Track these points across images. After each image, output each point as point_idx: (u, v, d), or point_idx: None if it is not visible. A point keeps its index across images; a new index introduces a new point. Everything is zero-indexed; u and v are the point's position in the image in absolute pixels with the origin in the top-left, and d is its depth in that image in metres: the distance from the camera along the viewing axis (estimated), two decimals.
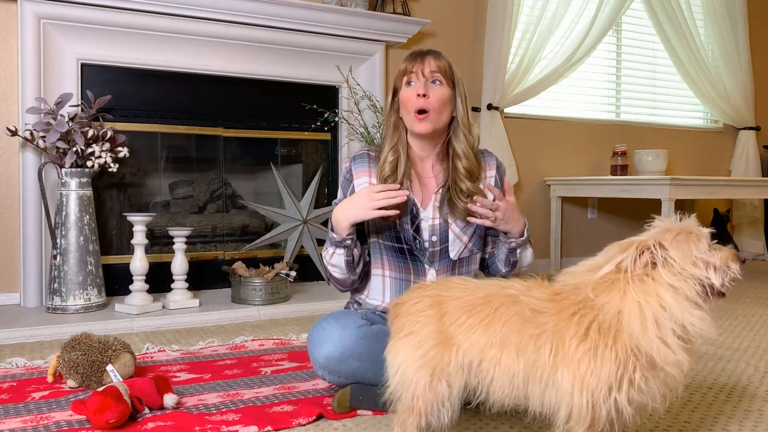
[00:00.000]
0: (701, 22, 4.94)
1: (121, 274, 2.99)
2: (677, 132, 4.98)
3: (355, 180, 1.78)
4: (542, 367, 1.18)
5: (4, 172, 2.93)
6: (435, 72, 1.69)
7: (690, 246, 1.19)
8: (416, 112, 1.68)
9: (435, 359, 1.27)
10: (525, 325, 1.21)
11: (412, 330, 1.31)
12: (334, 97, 3.62)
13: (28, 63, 2.86)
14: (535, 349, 1.19)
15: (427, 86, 1.68)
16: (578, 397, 1.15)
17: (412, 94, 1.68)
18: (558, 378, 1.17)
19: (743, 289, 3.74)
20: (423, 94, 1.67)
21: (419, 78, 1.69)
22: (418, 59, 1.70)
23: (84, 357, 1.78)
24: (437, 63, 1.70)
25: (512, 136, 4.15)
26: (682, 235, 1.20)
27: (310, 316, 2.91)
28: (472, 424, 1.58)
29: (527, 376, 1.20)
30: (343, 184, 1.80)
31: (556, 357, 1.17)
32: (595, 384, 1.14)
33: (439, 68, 1.69)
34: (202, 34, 3.19)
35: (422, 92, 1.67)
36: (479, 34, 4.09)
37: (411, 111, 1.68)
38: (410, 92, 1.69)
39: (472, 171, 1.74)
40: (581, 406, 1.15)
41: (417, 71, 1.69)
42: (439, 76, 1.69)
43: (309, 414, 1.59)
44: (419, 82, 1.68)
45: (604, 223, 4.63)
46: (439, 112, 1.69)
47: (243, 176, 3.63)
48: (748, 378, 1.99)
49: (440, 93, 1.69)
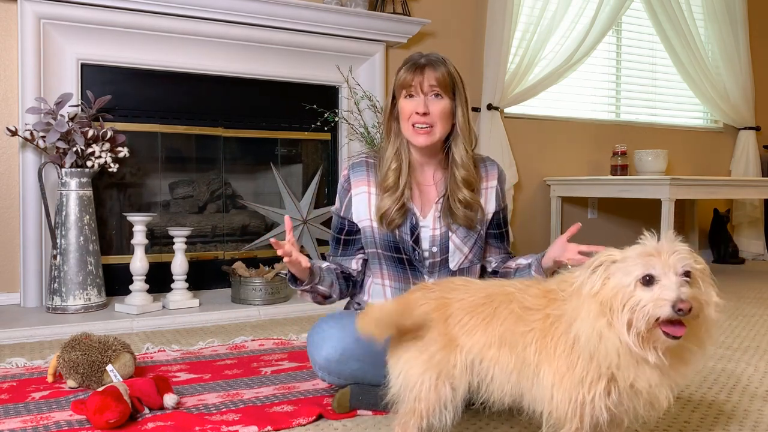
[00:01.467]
0: (701, 22, 4.94)
1: (121, 274, 2.99)
2: (677, 132, 4.98)
3: (353, 190, 1.75)
4: (529, 365, 1.19)
5: (4, 172, 2.93)
6: (434, 86, 1.65)
7: (629, 273, 1.11)
8: (415, 126, 1.65)
9: (441, 363, 1.27)
10: (517, 322, 1.22)
11: (416, 333, 1.30)
12: (334, 97, 3.62)
13: (28, 63, 2.86)
14: (523, 346, 1.20)
15: (426, 102, 1.64)
16: (557, 395, 1.16)
17: (411, 108, 1.66)
18: (541, 376, 1.18)
19: (743, 289, 3.74)
20: (424, 113, 1.64)
21: (418, 93, 1.65)
22: (417, 72, 1.65)
23: (84, 357, 1.78)
24: (436, 75, 1.65)
25: (512, 136, 4.16)
26: (634, 260, 1.12)
27: (310, 316, 2.91)
28: (471, 424, 1.58)
29: (519, 373, 1.21)
30: (340, 194, 1.78)
31: (539, 355, 1.18)
32: (571, 384, 1.15)
33: (438, 81, 1.65)
34: (202, 34, 3.19)
35: (422, 111, 1.63)
36: (479, 34, 4.09)
37: (410, 125, 1.66)
38: (410, 106, 1.66)
39: (470, 181, 1.71)
40: (559, 404, 1.15)
41: (416, 85, 1.65)
42: (439, 90, 1.65)
43: (309, 414, 1.59)
44: (419, 98, 1.65)
45: (604, 223, 4.63)
46: (440, 125, 1.66)
47: (243, 176, 3.63)
48: (748, 378, 1.99)
49: (440, 107, 1.65)
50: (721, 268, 4.69)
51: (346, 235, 1.77)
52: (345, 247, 1.78)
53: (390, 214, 1.69)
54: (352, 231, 1.76)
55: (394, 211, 1.68)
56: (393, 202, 1.69)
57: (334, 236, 1.80)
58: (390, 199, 1.69)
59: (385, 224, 1.70)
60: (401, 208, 1.69)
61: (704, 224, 5.12)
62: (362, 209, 1.74)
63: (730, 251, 4.99)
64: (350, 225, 1.76)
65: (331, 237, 1.82)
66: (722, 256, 5.00)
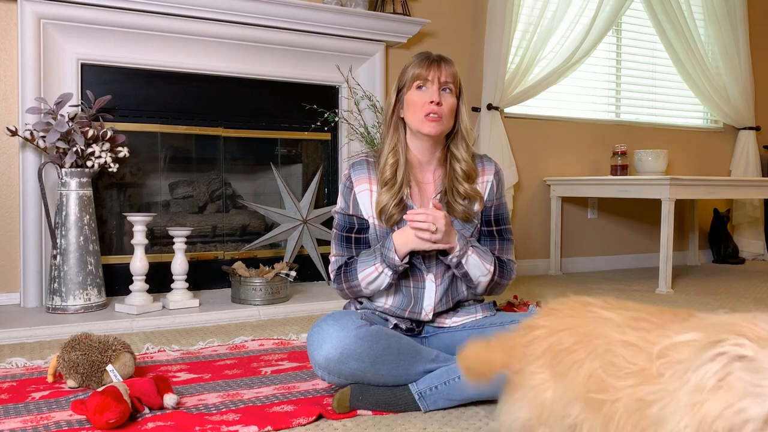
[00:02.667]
0: (701, 22, 4.94)
1: (121, 274, 2.99)
2: (677, 132, 4.98)
3: (355, 187, 1.78)
4: None
5: (4, 172, 2.93)
6: (448, 81, 1.72)
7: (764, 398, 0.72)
8: (427, 115, 1.69)
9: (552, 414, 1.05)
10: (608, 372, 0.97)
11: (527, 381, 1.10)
12: (334, 97, 3.62)
13: (28, 63, 2.86)
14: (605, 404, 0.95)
15: (440, 94, 1.70)
16: None
17: (423, 99, 1.70)
18: None
19: (743, 289, 3.74)
20: (437, 102, 1.69)
21: (433, 84, 1.71)
22: (433, 65, 1.71)
23: (84, 357, 1.78)
24: (450, 71, 1.73)
25: (512, 136, 4.16)
26: None
27: (310, 316, 2.91)
28: (471, 424, 1.58)
29: None
30: (344, 193, 1.80)
31: None
32: None
33: (452, 77, 1.73)
34: (202, 34, 3.19)
35: (437, 100, 1.69)
36: (479, 34, 4.09)
37: (421, 113, 1.70)
38: (421, 97, 1.71)
39: (470, 173, 1.77)
40: None
41: (433, 78, 1.70)
42: (451, 85, 1.72)
43: (309, 414, 1.59)
44: (432, 88, 1.70)
45: (604, 223, 4.63)
46: (448, 119, 1.73)
47: (243, 176, 3.63)
48: None
49: (451, 101, 1.73)
50: (721, 268, 4.69)
51: (356, 233, 1.78)
52: (357, 246, 1.78)
53: (388, 209, 1.72)
54: (362, 228, 1.78)
55: (392, 207, 1.72)
56: (391, 197, 1.72)
57: (343, 236, 1.78)
58: (388, 194, 1.72)
59: (384, 220, 1.73)
60: (399, 204, 1.72)
61: (704, 224, 5.13)
62: (366, 205, 1.77)
63: (730, 251, 5.00)
64: (360, 222, 1.77)
65: (339, 237, 1.79)
66: (722, 256, 5.00)
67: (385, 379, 1.63)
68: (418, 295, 1.76)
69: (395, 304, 1.77)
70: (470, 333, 1.76)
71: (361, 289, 1.73)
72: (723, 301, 3.33)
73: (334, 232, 1.81)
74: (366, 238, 1.78)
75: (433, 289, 1.76)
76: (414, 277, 1.75)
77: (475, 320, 1.81)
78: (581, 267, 4.49)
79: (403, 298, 1.76)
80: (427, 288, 1.76)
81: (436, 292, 1.76)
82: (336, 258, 1.79)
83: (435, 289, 1.76)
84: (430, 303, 1.76)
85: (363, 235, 1.78)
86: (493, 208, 1.81)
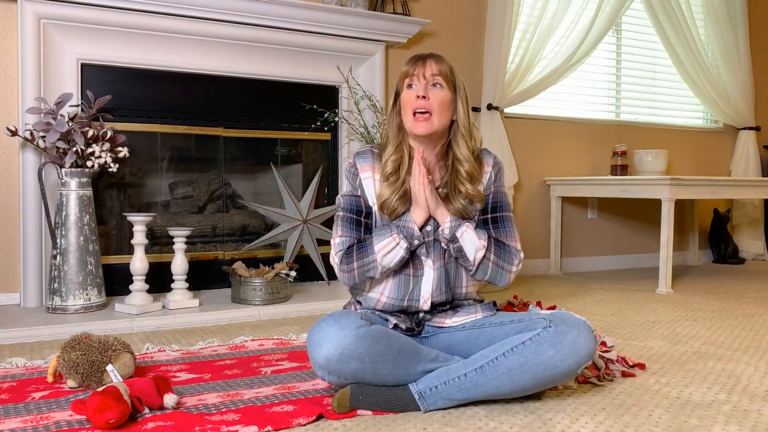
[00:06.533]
0: (701, 22, 4.94)
1: (121, 274, 2.99)
2: (677, 132, 4.98)
3: (360, 174, 1.80)
4: None
5: (4, 172, 2.93)
6: (436, 75, 1.72)
7: None
8: (415, 113, 1.71)
9: None
10: None
11: None
12: (334, 97, 3.62)
13: (28, 63, 2.86)
14: None
15: (427, 89, 1.71)
16: None
17: (412, 96, 1.72)
18: None
19: (743, 289, 3.74)
20: (423, 96, 1.70)
21: (420, 80, 1.72)
22: (419, 62, 1.73)
23: (84, 357, 1.78)
24: (438, 66, 1.73)
25: (512, 136, 4.16)
26: None
27: (310, 316, 2.91)
28: (471, 424, 1.58)
29: None
30: (350, 178, 1.82)
31: None
32: None
33: (440, 72, 1.72)
34: (202, 34, 3.19)
35: (422, 94, 1.70)
36: (479, 34, 4.09)
37: (410, 112, 1.72)
38: (410, 94, 1.73)
39: (473, 174, 1.77)
40: None
41: (418, 74, 1.72)
42: (440, 80, 1.72)
43: (309, 414, 1.59)
44: (419, 84, 1.72)
45: (604, 223, 4.63)
46: (439, 114, 1.71)
47: (243, 176, 3.64)
48: (748, 378, 1.99)
49: (441, 95, 1.72)
50: (721, 268, 4.69)
51: (365, 218, 1.78)
52: (366, 230, 1.78)
53: (390, 203, 1.74)
54: (369, 213, 1.79)
55: (395, 200, 1.74)
56: (393, 192, 1.74)
57: (352, 218, 1.77)
58: (389, 189, 1.74)
59: (387, 213, 1.75)
60: (403, 197, 1.74)
61: (704, 224, 5.13)
62: (371, 193, 1.79)
63: (730, 251, 5.00)
64: (367, 207, 1.79)
65: (347, 219, 1.77)
66: (722, 256, 5.00)
67: (385, 379, 1.63)
68: (416, 282, 1.76)
69: (393, 294, 1.77)
70: (470, 333, 1.77)
71: (375, 264, 1.70)
72: (723, 301, 3.33)
73: (340, 215, 1.79)
74: (371, 224, 1.79)
75: (431, 275, 1.76)
76: (414, 266, 1.77)
77: (475, 320, 1.81)
78: (581, 267, 4.49)
79: (401, 286, 1.76)
80: (426, 275, 1.76)
81: (433, 278, 1.76)
82: (343, 239, 1.76)
83: (432, 274, 1.76)
84: (428, 290, 1.77)
85: (369, 221, 1.79)
86: (491, 195, 1.82)
